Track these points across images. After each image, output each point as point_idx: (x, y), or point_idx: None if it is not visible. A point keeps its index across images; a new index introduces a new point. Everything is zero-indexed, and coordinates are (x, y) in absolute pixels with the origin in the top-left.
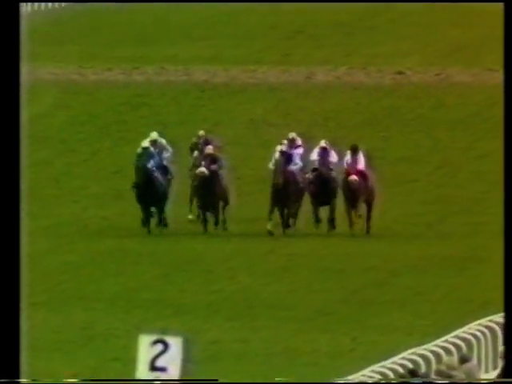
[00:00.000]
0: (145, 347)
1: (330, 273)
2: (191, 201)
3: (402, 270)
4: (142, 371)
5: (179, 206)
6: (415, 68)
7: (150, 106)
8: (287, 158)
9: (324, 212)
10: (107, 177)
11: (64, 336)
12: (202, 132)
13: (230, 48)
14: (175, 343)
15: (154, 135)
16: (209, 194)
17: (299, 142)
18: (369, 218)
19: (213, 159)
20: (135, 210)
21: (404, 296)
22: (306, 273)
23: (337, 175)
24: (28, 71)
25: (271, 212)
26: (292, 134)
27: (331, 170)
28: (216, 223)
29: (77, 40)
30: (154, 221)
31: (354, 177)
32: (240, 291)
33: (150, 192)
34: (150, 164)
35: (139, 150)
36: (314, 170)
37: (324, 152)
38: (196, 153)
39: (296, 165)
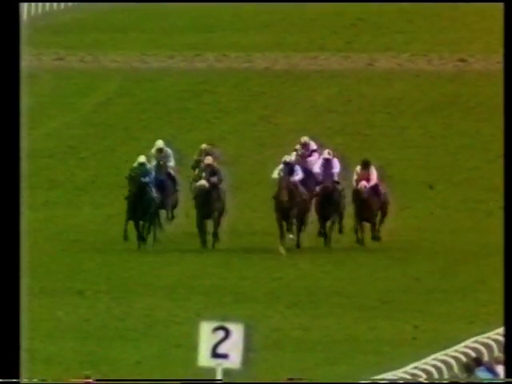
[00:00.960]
0: (206, 334)
1: (392, 261)
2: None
3: (465, 259)
4: (204, 358)
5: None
6: (477, 55)
7: (211, 93)
8: (290, 169)
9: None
10: None
11: (126, 323)
12: (204, 146)
13: (291, 35)
14: (236, 330)
15: (160, 143)
16: (208, 207)
17: (314, 146)
18: (374, 226)
19: (212, 171)
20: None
21: (466, 284)
22: (368, 261)
23: (343, 188)
24: (92, 59)
25: (281, 229)
26: (304, 138)
27: (338, 182)
28: (214, 235)
29: (139, 28)
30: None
31: (363, 183)
32: (301, 278)
33: (141, 206)
34: (146, 179)
35: (135, 165)
36: (319, 183)
37: (327, 163)
38: (198, 170)
39: (298, 175)
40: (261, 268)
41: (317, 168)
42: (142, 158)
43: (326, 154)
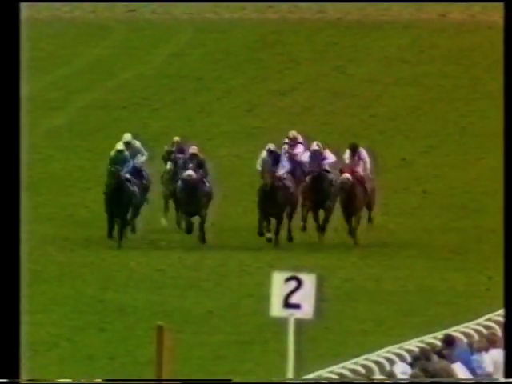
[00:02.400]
0: (278, 284)
1: (466, 211)
2: (167, 207)
3: None
4: (276, 308)
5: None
6: None
7: (283, 44)
8: (275, 158)
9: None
10: (241, 115)
11: (199, 274)
12: (176, 138)
13: None
14: (309, 280)
15: (128, 137)
16: (195, 199)
17: (300, 139)
18: (356, 223)
19: (199, 162)
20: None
21: None
22: (442, 212)
23: (334, 177)
24: (163, 11)
25: (261, 222)
26: (293, 133)
27: (328, 171)
28: (201, 229)
29: None
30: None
31: (346, 175)
32: (374, 229)
33: (118, 202)
34: (124, 170)
35: (113, 153)
36: (308, 173)
37: (315, 155)
38: (169, 164)
39: (284, 167)
40: (334, 219)
41: (306, 158)
42: (120, 145)
43: (314, 145)
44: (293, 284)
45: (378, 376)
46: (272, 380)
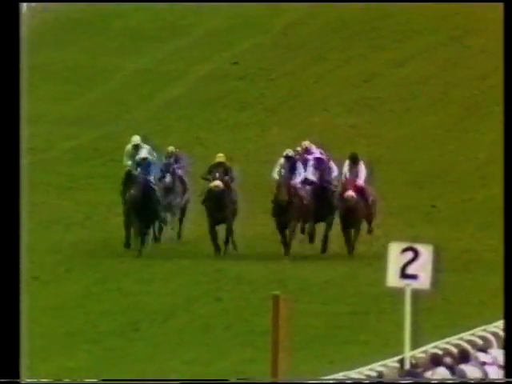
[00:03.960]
0: (395, 254)
1: None
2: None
3: None
4: (393, 278)
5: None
6: None
7: (401, 13)
8: (292, 165)
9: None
10: (358, 85)
11: (314, 245)
12: (171, 148)
13: None
14: (426, 251)
15: (136, 139)
16: (222, 209)
17: (314, 149)
18: (355, 235)
19: (225, 170)
20: (387, 118)
21: None
22: None
23: (336, 189)
24: None
25: (283, 237)
26: (305, 143)
27: (330, 183)
28: (226, 241)
29: None
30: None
31: (350, 193)
32: (492, 199)
33: (147, 209)
34: (151, 176)
35: (138, 159)
36: (311, 183)
37: (319, 164)
38: (168, 177)
39: (300, 175)
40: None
41: (309, 174)
42: (143, 153)
43: (317, 153)
44: (409, 255)
45: (495, 347)
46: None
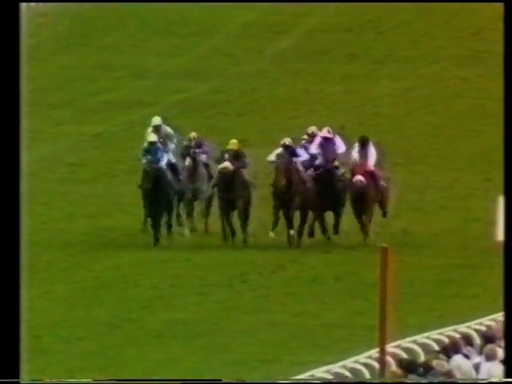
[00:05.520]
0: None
1: None
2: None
3: None
4: (501, 233)
5: None
6: None
7: None
8: (291, 153)
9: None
10: (467, 38)
11: (424, 197)
12: (193, 134)
13: None
14: None
15: (157, 120)
16: (231, 192)
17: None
18: (368, 221)
19: (235, 155)
20: (495, 72)
21: None
22: None
23: (344, 173)
24: None
25: (276, 220)
26: (312, 129)
27: (337, 167)
28: (243, 229)
29: None
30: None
31: (358, 177)
32: None
33: (161, 198)
34: (162, 163)
35: (145, 146)
36: (317, 167)
37: (326, 143)
38: (188, 160)
39: (302, 157)
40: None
41: (313, 149)
42: (152, 137)
43: (324, 131)
44: None
45: None
46: (272, 380)
